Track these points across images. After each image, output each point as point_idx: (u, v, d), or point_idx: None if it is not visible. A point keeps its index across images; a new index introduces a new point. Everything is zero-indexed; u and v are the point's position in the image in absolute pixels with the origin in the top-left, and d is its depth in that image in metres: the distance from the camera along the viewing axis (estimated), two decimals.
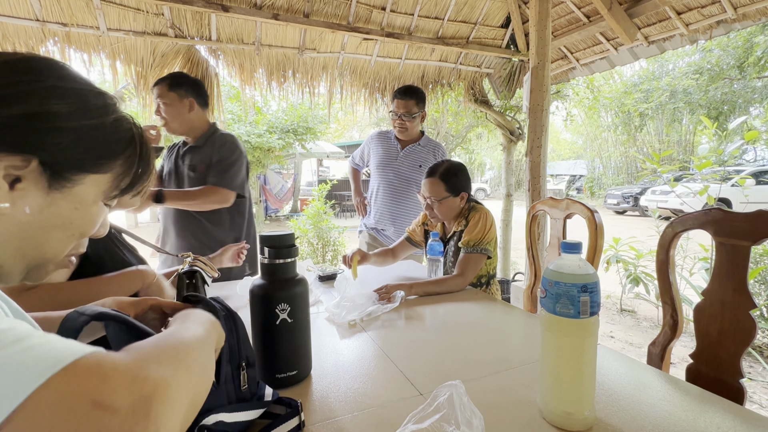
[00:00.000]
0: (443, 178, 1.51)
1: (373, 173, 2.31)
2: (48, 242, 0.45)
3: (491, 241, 1.47)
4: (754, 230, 0.86)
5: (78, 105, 0.44)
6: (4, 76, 0.40)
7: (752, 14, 2.36)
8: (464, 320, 1.14)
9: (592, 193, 17.16)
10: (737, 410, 0.67)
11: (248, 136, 8.57)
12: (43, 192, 0.42)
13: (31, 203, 0.42)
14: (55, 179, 0.43)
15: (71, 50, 2.29)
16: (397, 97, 2.13)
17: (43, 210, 0.43)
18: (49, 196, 0.43)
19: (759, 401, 2.14)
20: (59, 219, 0.44)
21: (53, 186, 0.43)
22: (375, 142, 2.29)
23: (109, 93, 0.49)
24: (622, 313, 3.58)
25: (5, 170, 0.39)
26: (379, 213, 2.24)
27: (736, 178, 6.66)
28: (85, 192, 0.46)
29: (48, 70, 0.44)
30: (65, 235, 0.46)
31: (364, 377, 0.81)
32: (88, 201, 0.47)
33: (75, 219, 0.46)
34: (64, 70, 0.45)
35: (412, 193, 2.19)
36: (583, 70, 3.38)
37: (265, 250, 0.77)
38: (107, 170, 0.47)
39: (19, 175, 0.40)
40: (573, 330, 0.62)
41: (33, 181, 0.41)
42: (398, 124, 2.16)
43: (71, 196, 0.45)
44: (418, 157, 2.22)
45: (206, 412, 0.53)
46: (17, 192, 0.40)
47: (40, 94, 0.41)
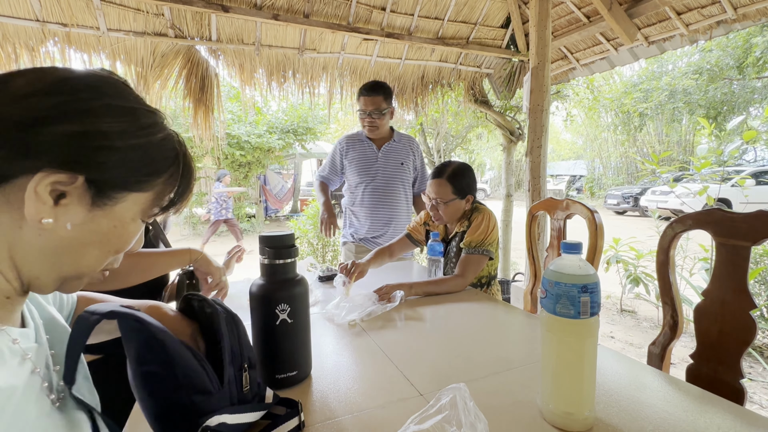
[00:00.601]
0: (451, 180, 1.49)
1: (352, 181, 2.14)
2: (84, 258, 0.45)
3: (493, 243, 1.46)
4: (754, 230, 0.86)
5: (129, 124, 0.44)
6: (61, 94, 0.40)
7: (752, 14, 2.36)
8: (464, 321, 1.14)
9: (592, 194, 17.16)
10: (737, 410, 0.67)
11: (248, 136, 8.58)
12: (85, 209, 0.42)
13: (72, 219, 0.42)
14: (98, 197, 0.43)
15: (71, 50, 2.29)
16: (364, 94, 2.00)
17: (83, 226, 0.43)
18: (91, 213, 0.43)
19: (759, 401, 2.14)
20: (98, 236, 0.45)
21: (95, 203, 0.43)
22: (347, 148, 2.13)
23: (159, 111, 0.49)
24: (623, 313, 3.58)
25: (52, 186, 0.39)
26: (370, 220, 2.11)
27: (736, 178, 6.66)
28: (125, 210, 0.46)
29: (104, 87, 0.44)
30: (102, 251, 0.46)
31: (364, 378, 0.81)
32: (127, 219, 0.47)
33: (113, 236, 0.46)
34: (119, 88, 0.45)
35: (400, 194, 2.12)
36: (583, 71, 3.38)
37: (265, 251, 0.77)
38: (149, 189, 0.47)
39: (64, 191, 0.40)
40: (573, 330, 0.62)
41: (77, 198, 0.41)
42: (368, 122, 2.03)
43: (112, 214, 0.45)
44: (397, 155, 2.12)
45: (209, 414, 0.54)
46: (61, 208, 0.41)
47: (94, 113, 0.41)
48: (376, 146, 2.11)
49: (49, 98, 0.40)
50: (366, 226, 2.13)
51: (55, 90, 0.40)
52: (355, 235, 2.17)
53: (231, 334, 0.61)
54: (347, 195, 2.22)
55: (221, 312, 0.62)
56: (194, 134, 2.73)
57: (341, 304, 1.15)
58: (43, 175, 0.39)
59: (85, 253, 0.45)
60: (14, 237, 0.41)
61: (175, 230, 8.64)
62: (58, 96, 0.40)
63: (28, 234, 0.41)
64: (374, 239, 2.13)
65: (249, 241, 7.97)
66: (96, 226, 0.44)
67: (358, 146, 2.12)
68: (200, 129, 2.69)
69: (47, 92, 0.40)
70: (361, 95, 2.02)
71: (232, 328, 0.62)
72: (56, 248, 0.42)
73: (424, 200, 1.58)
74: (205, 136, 2.72)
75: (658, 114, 14.54)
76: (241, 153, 8.54)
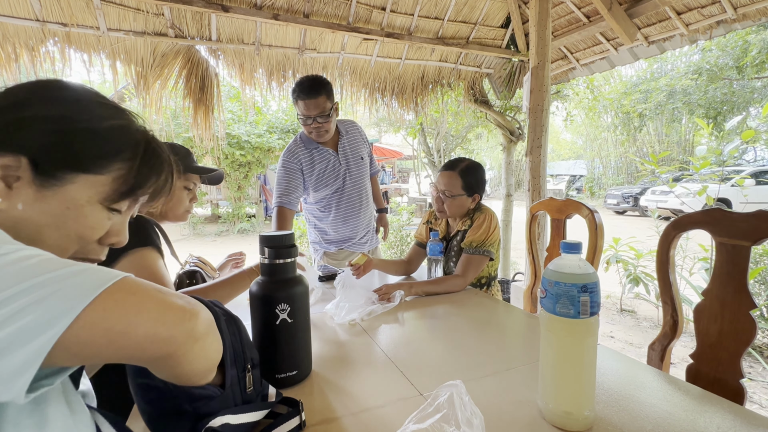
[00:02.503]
0: (462, 175, 1.48)
1: (318, 195, 1.90)
2: (41, 240, 0.46)
3: (494, 243, 1.45)
4: (754, 230, 0.86)
5: (69, 110, 0.48)
6: (11, 95, 0.46)
7: (752, 14, 2.36)
8: (464, 320, 1.14)
9: (592, 193, 17.16)
10: (737, 410, 0.67)
11: (248, 136, 8.58)
12: (33, 189, 0.45)
13: (23, 200, 0.45)
14: (43, 177, 0.45)
15: (71, 50, 2.29)
16: (303, 97, 1.66)
17: (34, 206, 0.45)
18: (39, 194, 0.45)
19: (759, 401, 2.14)
20: (50, 217, 0.46)
21: (43, 184, 0.45)
22: (306, 163, 1.82)
23: (121, 106, 0.53)
24: (622, 313, 3.58)
25: (3, 171, 0.43)
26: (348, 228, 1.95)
27: (736, 178, 6.66)
28: (76, 191, 0.47)
29: (51, 84, 0.49)
30: (59, 234, 0.47)
31: (364, 377, 0.81)
32: (80, 201, 0.48)
33: (68, 219, 0.47)
34: (67, 84, 0.50)
35: (368, 190, 2.00)
36: (583, 71, 3.38)
37: (265, 250, 0.77)
38: (101, 172, 0.49)
39: (18, 175, 0.44)
40: (573, 330, 0.62)
41: (26, 180, 0.45)
42: (314, 128, 1.73)
43: (61, 195, 0.46)
44: (355, 150, 1.92)
45: (213, 415, 0.53)
46: (13, 191, 0.44)
47: (34, 103, 0.46)
48: (332, 150, 1.86)
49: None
50: (344, 233, 1.96)
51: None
52: (338, 244, 1.99)
53: (232, 335, 0.61)
54: (311, 210, 1.99)
55: (220, 314, 0.62)
56: (194, 134, 2.73)
57: (341, 304, 1.15)
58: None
59: (41, 235, 0.46)
60: None
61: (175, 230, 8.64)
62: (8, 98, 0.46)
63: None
64: (358, 241, 2.00)
65: (249, 241, 7.97)
66: (47, 207, 0.46)
67: (317, 156, 1.83)
68: (200, 129, 2.69)
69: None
70: (299, 98, 1.67)
71: (233, 330, 0.62)
72: (13, 229, 0.44)
73: (431, 191, 1.53)
74: (205, 136, 2.72)
75: (658, 114, 14.54)
76: (241, 153, 8.54)
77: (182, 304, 0.43)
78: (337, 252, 1.99)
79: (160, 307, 0.41)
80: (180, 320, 0.42)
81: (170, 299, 0.42)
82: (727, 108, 13.17)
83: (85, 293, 0.36)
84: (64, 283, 0.35)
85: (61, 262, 0.37)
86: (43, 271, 0.35)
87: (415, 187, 16.34)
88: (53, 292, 0.34)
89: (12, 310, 0.33)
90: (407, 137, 9.78)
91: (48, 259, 0.37)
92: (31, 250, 0.38)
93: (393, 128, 8.71)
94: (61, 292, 0.35)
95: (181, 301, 0.43)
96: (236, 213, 9.29)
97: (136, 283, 0.41)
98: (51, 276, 0.35)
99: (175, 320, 0.42)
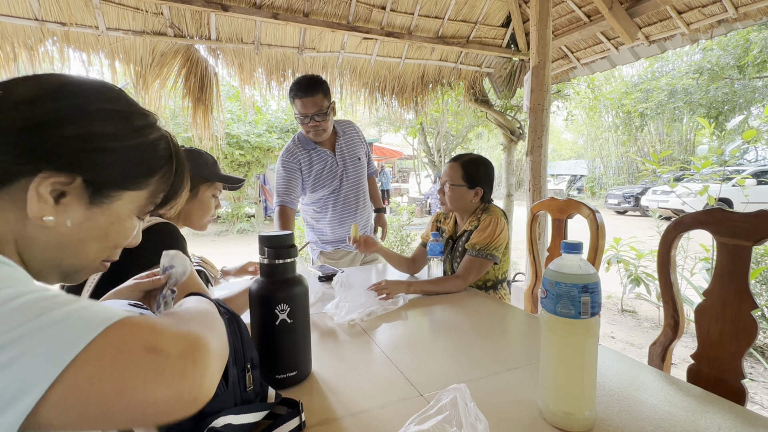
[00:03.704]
0: (464, 166, 1.49)
1: (316, 195, 1.90)
2: (84, 253, 0.48)
3: (499, 247, 1.42)
4: (756, 230, 0.86)
5: (121, 126, 0.47)
6: (58, 100, 0.43)
7: (753, 13, 2.35)
8: (465, 320, 1.13)
9: (593, 193, 17.15)
10: (738, 411, 0.67)
11: (248, 135, 8.58)
12: (83, 207, 0.46)
13: (72, 217, 0.45)
14: (95, 196, 0.46)
15: (70, 50, 2.29)
16: (300, 95, 1.68)
17: (82, 224, 0.46)
18: (89, 211, 0.46)
19: (760, 402, 2.14)
20: (96, 232, 0.48)
21: (93, 202, 0.46)
22: (305, 163, 1.83)
23: (152, 113, 0.52)
24: (623, 313, 3.58)
25: (52, 186, 0.42)
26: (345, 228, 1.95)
27: (737, 178, 6.66)
28: (121, 207, 0.49)
29: (98, 92, 0.47)
30: (101, 246, 0.49)
31: (364, 378, 0.81)
32: (123, 216, 0.50)
33: (110, 232, 0.49)
34: (113, 93, 0.48)
35: (365, 189, 2.00)
36: (583, 70, 3.38)
37: (264, 250, 0.77)
38: (144, 187, 0.51)
39: (64, 191, 0.43)
40: (574, 330, 0.62)
41: (76, 197, 0.45)
42: (312, 127, 1.74)
43: (109, 212, 0.48)
44: (352, 151, 1.92)
45: (215, 414, 0.54)
46: (61, 206, 0.44)
47: (89, 117, 0.45)
48: (330, 150, 1.87)
49: (48, 104, 0.43)
50: (341, 234, 1.96)
51: (52, 96, 0.43)
52: (335, 244, 2.00)
53: (233, 334, 0.61)
54: (308, 211, 2.00)
55: (223, 312, 0.62)
56: (193, 134, 2.73)
57: (341, 304, 1.15)
58: (44, 176, 0.42)
59: (84, 248, 0.47)
60: (20, 233, 0.43)
61: None
62: (56, 102, 0.43)
63: (31, 231, 0.43)
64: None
65: (248, 241, 7.97)
66: (94, 223, 0.47)
67: (315, 157, 1.84)
68: (199, 128, 2.69)
69: (45, 98, 0.43)
70: (296, 97, 1.69)
71: (234, 329, 0.62)
72: (58, 243, 0.45)
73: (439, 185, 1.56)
74: (204, 136, 2.72)
75: (659, 114, 14.53)
76: (240, 152, 8.54)
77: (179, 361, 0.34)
78: (333, 252, 2.00)
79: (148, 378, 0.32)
80: (178, 390, 0.34)
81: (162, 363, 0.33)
82: (729, 107, 13.16)
83: (56, 359, 0.30)
84: (35, 344, 0.29)
85: (41, 307, 0.31)
86: (12, 325, 0.29)
87: (415, 187, 16.33)
88: (19, 356, 0.29)
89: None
90: (407, 137, 9.78)
91: (26, 302, 0.31)
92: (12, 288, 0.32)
93: (393, 128, 8.71)
94: (29, 356, 0.29)
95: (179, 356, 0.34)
96: (236, 213, 9.29)
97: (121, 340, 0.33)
98: (19, 333, 0.29)
99: (170, 392, 0.33)
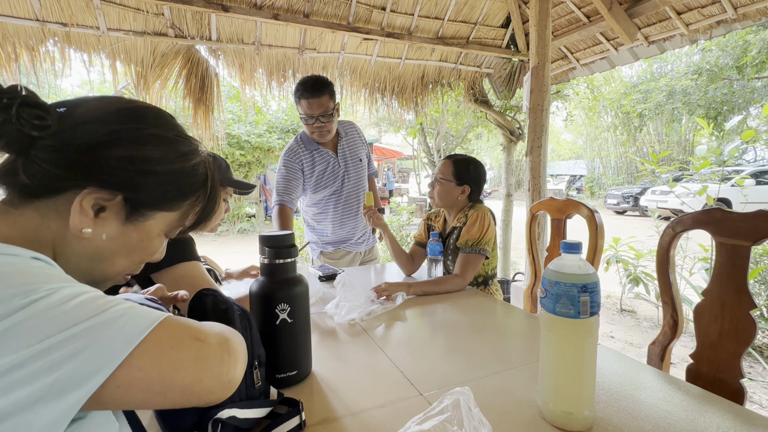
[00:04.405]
0: (455, 164, 1.55)
1: (316, 197, 1.91)
2: (113, 265, 0.50)
3: (489, 242, 1.46)
4: (754, 230, 0.86)
5: (167, 151, 0.50)
6: (115, 123, 0.47)
7: (752, 14, 2.36)
8: (464, 320, 1.14)
9: (592, 193, 17.16)
10: (737, 410, 0.67)
11: (248, 135, 8.58)
12: (120, 223, 0.48)
13: (108, 231, 0.47)
14: (132, 213, 0.48)
15: (71, 50, 2.29)
16: (307, 96, 1.68)
17: (116, 238, 0.48)
18: (124, 227, 0.49)
19: (759, 401, 2.14)
20: (127, 247, 0.50)
21: (129, 219, 0.49)
22: (307, 164, 1.84)
23: (195, 139, 0.55)
24: (622, 313, 3.58)
25: (95, 201, 0.45)
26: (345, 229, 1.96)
27: (736, 178, 6.66)
28: (153, 226, 0.51)
29: (151, 118, 0.50)
30: (128, 261, 0.52)
31: (364, 377, 0.81)
32: (153, 234, 0.52)
33: (139, 248, 0.51)
34: (164, 119, 0.51)
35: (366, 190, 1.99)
36: (583, 70, 3.38)
37: (264, 250, 0.77)
38: (177, 209, 0.53)
39: (104, 206, 0.46)
40: (573, 330, 0.62)
41: (114, 213, 0.47)
42: (317, 128, 1.74)
43: (141, 229, 0.50)
44: (353, 152, 1.93)
45: (220, 407, 0.55)
46: (100, 220, 0.46)
47: (141, 141, 0.48)
48: (332, 151, 1.88)
49: (105, 126, 0.46)
50: (341, 235, 1.97)
51: (110, 119, 0.47)
52: (335, 244, 2.00)
53: (244, 331, 0.62)
54: (308, 212, 2.00)
55: (236, 308, 0.63)
56: (194, 134, 2.73)
57: (341, 304, 1.15)
58: (89, 191, 0.44)
59: (114, 261, 0.50)
60: (59, 241, 0.46)
61: None
62: (111, 125, 0.46)
63: (69, 240, 0.46)
64: (355, 242, 2.01)
65: (249, 242, 7.97)
66: (127, 239, 0.49)
67: (317, 157, 1.85)
68: (200, 129, 2.69)
69: (104, 121, 0.46)
70: (302, 98, 1.69)
71: (245, 325, 0.63)
72: (92, 255, 0.48)
73: None
74: (205, 136, 2.72)
75: (658, 114, 14.54)
76: (241, 153, 8.54)
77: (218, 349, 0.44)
78: (333, 252, 2.00)
79: (197, 361, 0.41)
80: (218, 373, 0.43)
81: (207, 349, 0.43)
82: (727, 108, 13.16)
83: (121, 347, 0.36)
84: (101, 335, 0.36)
85: (99, 305, 0.37)
86: (78, 320, 0.35)
87: (415, 187, 16.34)
88: (88, 345, 0.35)
89: (47, 363, 0.33)
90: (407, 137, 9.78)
91: (84, 301, 0.37)
92: (69, 288, 0.38)
93: (393, 128, 8.71)
94: (97, 345, 0.35)
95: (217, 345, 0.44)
96: (236, 213, 9.29)
97: (173, 331, 0.41)
98: (86, 326, 0.35)
99: (212, 374, 0.43)
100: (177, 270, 0.92)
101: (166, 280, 0.92)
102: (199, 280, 0.94)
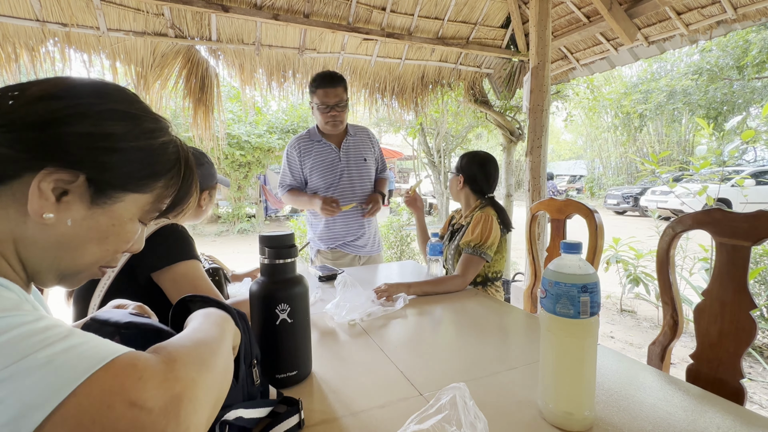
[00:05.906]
0: (461, 158, 1.65)
1: (314, 187, 1.95)
2: (83, 254, 0.47)
3: (491, 246, 1.45)
4: (754, 230, 0.86)
5: (129, 127, 0.46)
6: (65, 98, 0.43)
7: (752, 14, 2.36)
8: (464, 320, 1.14)
9: (592, 194, 17.15)
10: (737, 410, 0.67)
11: (248, 136, 8.58)
12: (85, 206, 0.45)
13: (73, 216, 0.44)
14: (97, 195, 0.45)
15: (71, 50, 2.29)
16: (324, 86, 1.80)
17: (82, 223, 0.45)
18: (90, 211, 0.45)
19: (759, 401, 2.14)
20: (96, 233, 0.46)
21: (95, 201, 0.45)
22: (304, 152, 1.92)
23: (163, 118, 0.52)
24: (622, 313, 3.58)
25: (55, 183, 0.42)
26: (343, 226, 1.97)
27: (736, 178, 6.66)
28: (123, 209, 0.48)
29: (110, 93, 0.47)
30: (100, 249, 0.48)
31: (364, 377, 0.81)
32: (125, 218, 0.49)
33: (111, 234, 0.48)
34: (125, 95, 0.48)
35: (368, 191, 2.01)
36: (583, 71, 3.38)
37: (265, 250, 0.77)
38: (148, 190, 0.49)
39: (66, 189, 0.43)
40: (573, 330, 0.62)
41: (78, 196, 0.44)
42: (331, 117, 1.84)
43: (110, 212, 0.47)
44: (358, 151, 1.97)
45: (227, 408, 0.55)
46: (62, 204, 0.43)
47: (98, 116, 0.44)
48: (335, 145, 1.93)
49: (56, 102, 0.42)
50: (340, 232, 1.98)
51: (62, 95, 0.43)
52: (329, 242, 2.00)
53: (243, 332, 0.62)
54: None
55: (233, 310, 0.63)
56: (194, 134, 2.73)
57: (341, 304, 1.15)
58: (47, 173, 0.41)
59: (83, 250, 0.46)
60: (19, 231, 0.43)
61: None
62: (65, 100, 0.43)
63: (31, 229, 0.43)
64: (352, 243, 2.01)
65: (249, 242, 7.97)
66: (95, 224, 0.46)
67: (316, 148, 1.92)
68: (200, 129, 2.69)
69: (57, 96, 0.43)
70: (319, 87, 1.82)
71: (243, 327, 0.63)
72: (57, 243, 0.44)
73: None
74: (205, 136, 2.72)
75: (658, 114, 14.54)
76: (241, 153, 8.54)
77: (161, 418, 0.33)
78: (329, 251, 2.01)
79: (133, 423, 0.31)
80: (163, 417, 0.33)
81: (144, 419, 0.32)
82: (728, 108, 13.16)
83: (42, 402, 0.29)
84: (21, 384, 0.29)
85: (31, 344, 0.31)
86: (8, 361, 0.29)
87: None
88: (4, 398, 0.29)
89: None
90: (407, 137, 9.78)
91: (15, 338, 0.31)
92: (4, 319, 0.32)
93: (393, 128, 8.70)
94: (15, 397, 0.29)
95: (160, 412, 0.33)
96: (236, 213, 9.29)
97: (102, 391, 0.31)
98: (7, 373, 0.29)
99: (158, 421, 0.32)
100: (176, 269, 0.92)
101: (165, 279, 0.92)
102: (198, 280, 0.94)
